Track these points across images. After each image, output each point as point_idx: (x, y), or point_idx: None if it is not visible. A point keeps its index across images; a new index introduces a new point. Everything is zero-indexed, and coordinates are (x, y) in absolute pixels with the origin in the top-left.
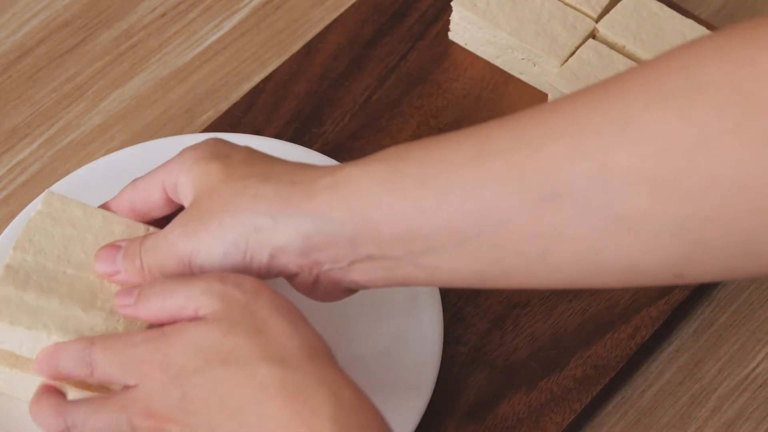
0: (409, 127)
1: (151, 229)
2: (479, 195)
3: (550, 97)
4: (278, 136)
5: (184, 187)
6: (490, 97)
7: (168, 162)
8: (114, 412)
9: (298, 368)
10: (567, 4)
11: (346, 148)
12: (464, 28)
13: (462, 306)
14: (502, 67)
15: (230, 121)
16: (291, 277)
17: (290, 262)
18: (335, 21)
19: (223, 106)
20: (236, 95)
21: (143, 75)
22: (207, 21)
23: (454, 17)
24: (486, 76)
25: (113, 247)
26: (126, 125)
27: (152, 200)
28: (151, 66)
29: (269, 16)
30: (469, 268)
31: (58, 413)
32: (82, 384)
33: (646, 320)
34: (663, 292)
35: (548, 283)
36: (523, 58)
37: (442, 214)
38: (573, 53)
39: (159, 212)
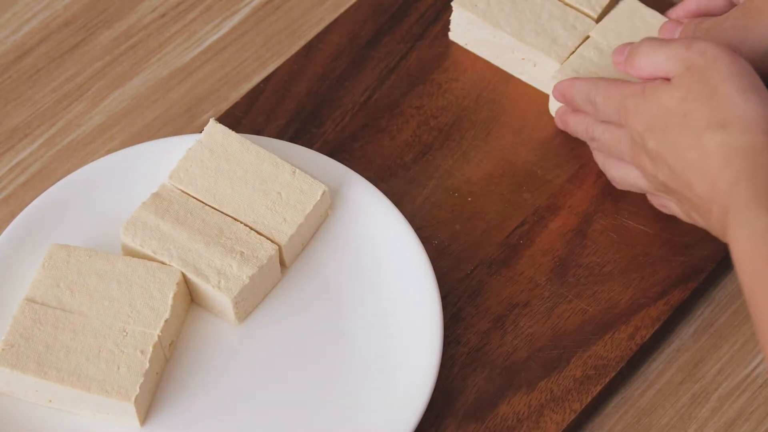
0: (409, 127)
1: (297, 172)
2: None
3: (551, 98)
4: (278, 136)
5: None
6: (490, 97)
7: None
8: (613, 141)
9: (733, 132)
10: (567, 4)
11: (347, 148)
12: (464, 29)
13: (462, 306)
14: (502, 67)
15: (230, 121)
16: None
17: None
18: (335, 21)
19: (223, 106)
20: (236, 95)
21: (143, 75)
22: (207, 21)
23: (455, 17)
24: (486, 76)
25: (673, 23)
26: (126, 125)
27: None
28: (151, 66)
29: (269, 16)
30: None
31: (588, 126)
32: None
33: (646, 320)
34: (663, 292)
35: None
36: (523, 58)
37: None
38: (573, 53)
39: (719, 11)
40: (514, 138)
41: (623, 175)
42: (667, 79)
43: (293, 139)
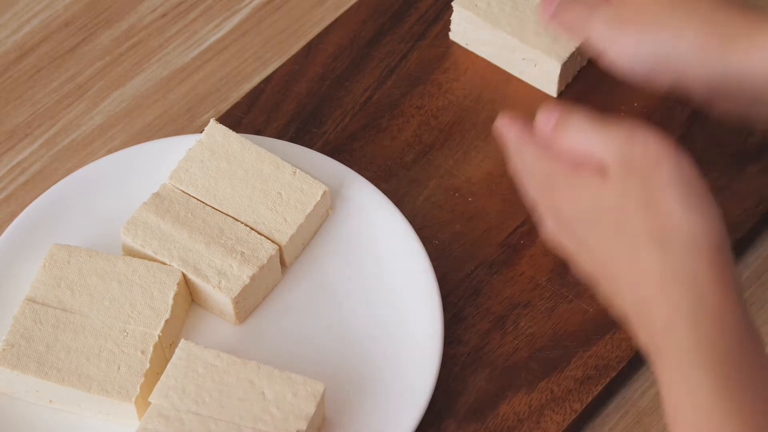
0: (409, 127)
1: (298, 172)
2: None
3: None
4: (278, 136)
5: None
6: (490, 97)
7: None
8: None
9: (672, 254)
10: None
11: (347, 149)
12: (465, 28)
13: (462, 306)
14: (502, 67)
15: (231, 121)
16: None
17: (696, 90)
18: (335, 21)
19: (224, 107)
20: (236, 95)
21: (143, 75)
22: (207, 21)
23: (455, 17)
24: (486, 76)
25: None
26: (126, 125)
27: None
28: (152, 66)
29: (270, 16)
30: None
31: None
32: None
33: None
34: None
35: None
36: (523, 58)
37: None
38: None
39: None
40: None
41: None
42: (600, 168)
43: (294, 139)
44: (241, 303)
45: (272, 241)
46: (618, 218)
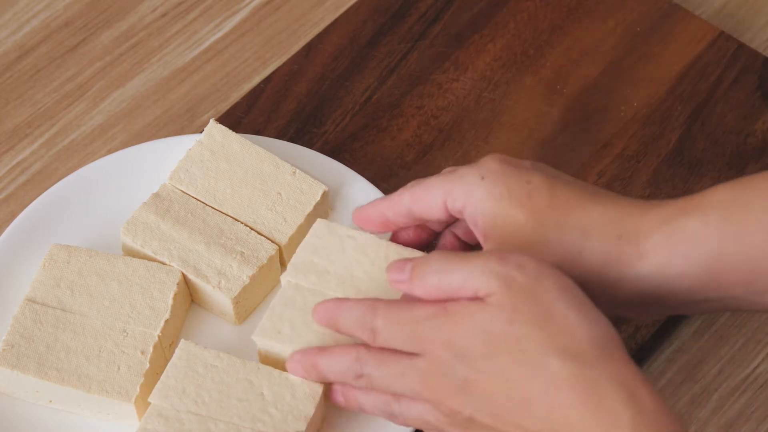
0: (409, 128)
1: (298, 173)
2: None
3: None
4: (278, 136)
5: (474, 218)
6: (490, 97)
7: (449, 181)
8: (394, 375)
9: (591, 364)
10: None
11: (347, 149)
12: None
13: None
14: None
15: (231, 121)
16: None
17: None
18: (335, 21)
19: (224, 107)
20: (236, 95)
21: (143, 75)
22: (207, 21)
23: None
24: (486, 75)
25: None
26: (126, 125)
27: (431, 213)
28: (152, 66)
29: (270, 16)
30: None
31: (357, 360)
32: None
33: (647, 320)
34: None
35: None
36: None
37: None
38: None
39: (436, 222)
40: (514, 138)
41: (404, 410)
42: (475, 298)
43: (293, 139)
44: (241, 303)
45: (272, 241)
46: (516, 340)
